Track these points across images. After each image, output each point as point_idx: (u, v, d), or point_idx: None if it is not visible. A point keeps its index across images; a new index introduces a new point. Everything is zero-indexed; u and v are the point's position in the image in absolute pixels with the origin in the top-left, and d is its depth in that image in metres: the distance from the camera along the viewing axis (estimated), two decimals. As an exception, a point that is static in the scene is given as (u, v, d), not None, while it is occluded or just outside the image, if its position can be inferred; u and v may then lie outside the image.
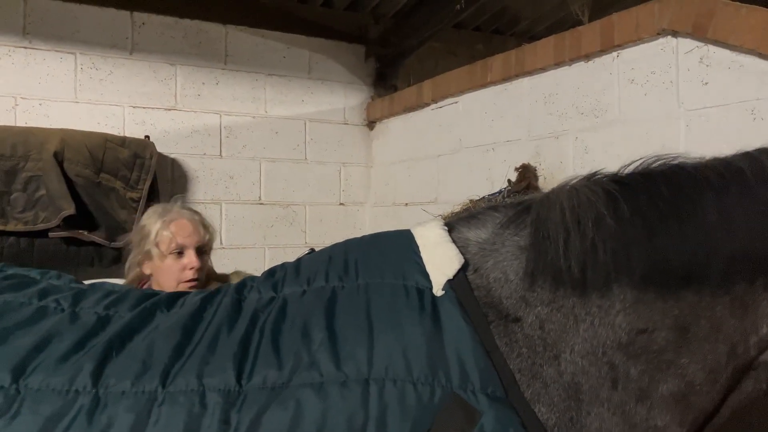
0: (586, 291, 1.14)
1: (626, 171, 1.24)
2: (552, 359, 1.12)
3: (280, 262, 4.03)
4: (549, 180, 2.69)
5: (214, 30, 3.71)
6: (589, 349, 1.12)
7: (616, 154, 2.40)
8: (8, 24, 3.24)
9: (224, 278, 2.27)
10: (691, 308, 1.11)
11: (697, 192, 1.14)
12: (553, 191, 1.25)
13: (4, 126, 3.10)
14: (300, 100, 3.97)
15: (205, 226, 2.25)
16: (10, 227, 2.94)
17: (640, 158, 1.24)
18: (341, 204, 4.10)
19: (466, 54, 3.93)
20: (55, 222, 2.95)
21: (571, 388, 1.11)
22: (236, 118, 3.77)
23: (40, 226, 2.96)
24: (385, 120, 4.00)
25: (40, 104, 3.30)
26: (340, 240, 1.41)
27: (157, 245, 2.16)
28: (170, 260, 2.15)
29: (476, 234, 1.26)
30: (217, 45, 3.71)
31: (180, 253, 2.16)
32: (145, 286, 2.19)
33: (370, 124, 4.15)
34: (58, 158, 3.03)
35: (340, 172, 4.11)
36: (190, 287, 2.09)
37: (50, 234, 2.99)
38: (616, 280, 1.13)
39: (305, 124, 3.99)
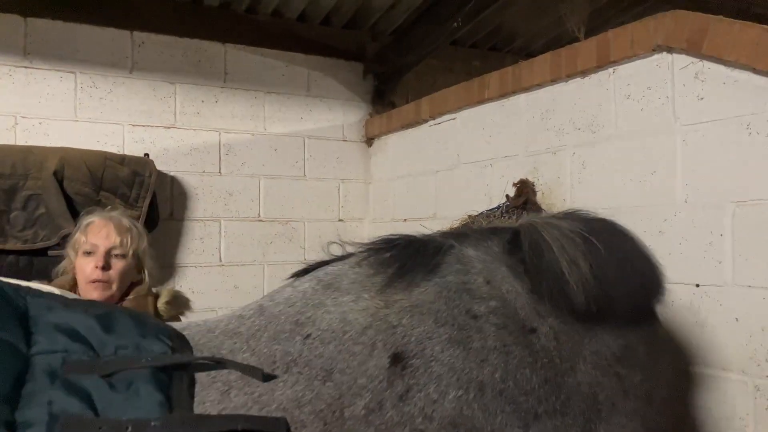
0: (583, 317, 1.19)
1: (574, 214, 1.41)
2: (569, 370, 1.13)
3: (279, 279, 4.03)
4: (547, 195, 2.70)
5: (213, 48, 3.73)
6: (597, 361, 1.16)
7: (613, 169, 2.42)
8: (9, 44, 3.26)
9: (147, 293, 2.31)
10: (646, 330, 1.30)
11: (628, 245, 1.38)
12: (537, 222, 1.33)
13: (4, 145, 3.12)
14: (299, 117, 3.99)
15: (123, 231, 2.29)
16: (10, 246, 2.95)
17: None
18: (340, 220, 4.11)
19: (464, 70, 3.96)
20: (54, 240, 2.95)
21: (589, 399, 1.12)
22: (235, 135, 3.79)
23: (40, 245, 2.97)
24: (384, 136, 4.02)
25: (40, 123, 3.32)
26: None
27: (73, 246, 2.26)
28: (81, 260, 2.22)
29: (476, 253, 1.27)
30: (216, 63, 3.74)
31: (92, 253, 2.21)
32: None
33: (369, 141, 4.17)
34: (58, 177, 3.05)
35: (339, 189, 4.12)
36: (97, 288, 2.16)
37: (50, 252, 2.99)
38: (603, 312, 1.21)
39: (304, 141, 4.01)
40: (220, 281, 3.73)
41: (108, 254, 2.23)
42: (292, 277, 1.29)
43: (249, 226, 3.83)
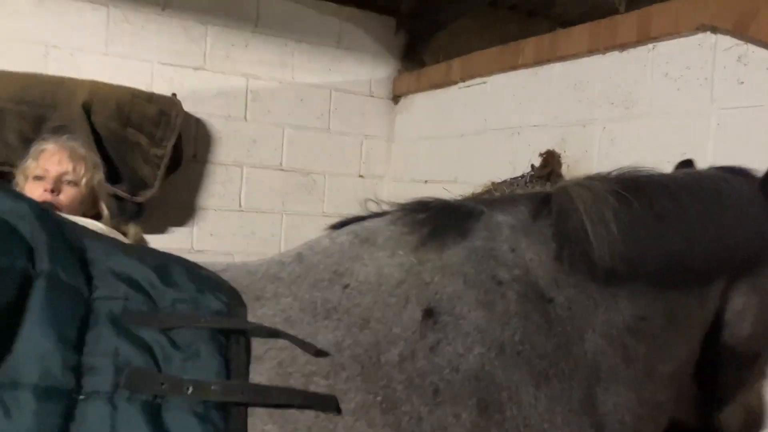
0: (605, 278, 1.23)
1: (618, 174, 1.38)
2: (578, 339, 1.19)
3: (296, 229, 4.06)
4: (573, 168, 2.69)
5: (247, -8, 3.69)
6: (607, 331, 1.22)
7: (643, 146, 2.40)
8: (43, -29, 3.24)
9: (110, 227, 2.23)
10: (677, 301, 1.30)
11: (690, 201, 1.33)
12: (569, 185, 1.34)
13: (36, 74, 3.13)
14: (327, 68, 3.96)
15: (76, 158, 2.25)
16: (36, 174, 2.99)
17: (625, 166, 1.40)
18: (360, 176, 4.12)
19: (499, 34, 3.88)
20: (80, 173, 2.98)
21: (593, 366, 1.19)
22: (263, 82, 3.77)
23: (66, 176, 3.00)
24: (411, 95, 3.99)
25: (71, 54, 3.32)
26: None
27: (23, 172, 2.23)
28: (30, 185, 2.19)
29: (505, 219, 1.29)
30: (249, 7, 3.70)
31: (41, 178, 2.18)
32: None
33: (395, 98, 4.14)
34: (86, 110, 3.06)
35: (361, 144, 4.11)
36: None
37: (75, 183, 3.03)
38: (629, 272, 1.24)
39: (330, 93, 3.99)
40: (238, 226, 3.77)
41: (58, 180, 2.17)
42: (329, 229, 1.31)
43: (270, 175, 3.85)
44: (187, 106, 3.47)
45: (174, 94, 3.43)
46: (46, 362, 0.86)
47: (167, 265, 1.07)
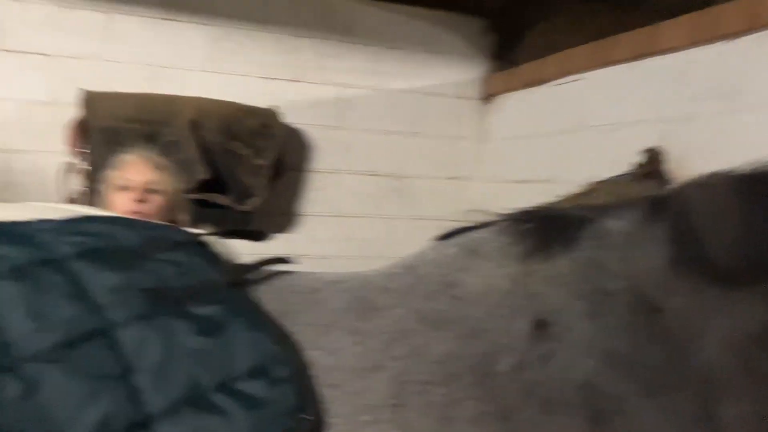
0: (725, 283, 1.16)
1: (740, 171, 1.26)
2: (692, 349, 1.14)
3: (390, 233, 4.11)
4: (677, 165, 2.60)
5: (338, 3, 3.79)
6: (726, 340, 1.15)
7: (752, 141, 2.28)
8: (149, -3, 3.46)
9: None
10: None
11: None
12: (688, 185, 1.29)
13: (148, 93, 3.34)
14: (417, 73, 4.00)
15: (158, 167, 2.34)
16: (150, 189, 3.19)
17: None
18: (453, 178, 4.13)
19: (592, 29, 3.78)
20: (191, 185, 3.16)
21: (710, 378, 1.13)
22: (356, 90, 3.86)
23: (178, 189, 3.19)
24: (502, 95, 3.96)
25: (176, 73, 3.52)
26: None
27: (106, 183, 2.32)
28: (115, 195, 2.27)
29: (617, 224, 1.28)
30: (341, 18, 3.80)
31: (127, 188, 2.26)
32: None
33: (486, 99, 4.12)
34: (194, 125, 3.25)
35: (452, 147, 4.12)
36: None
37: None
38: (752, 276, 1.15)
39: (421, 97, 4.03)
40: (335, 231, 3.88)
41: (144, 189, 2.25)
42: (436, 240, 1.35)
43: (363, 180, 3.93)
44: (286, 117, 3.61)
45: (273, 106, 3.57)
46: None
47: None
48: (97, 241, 1.12)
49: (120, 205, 2.24)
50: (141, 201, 2.25)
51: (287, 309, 1.19)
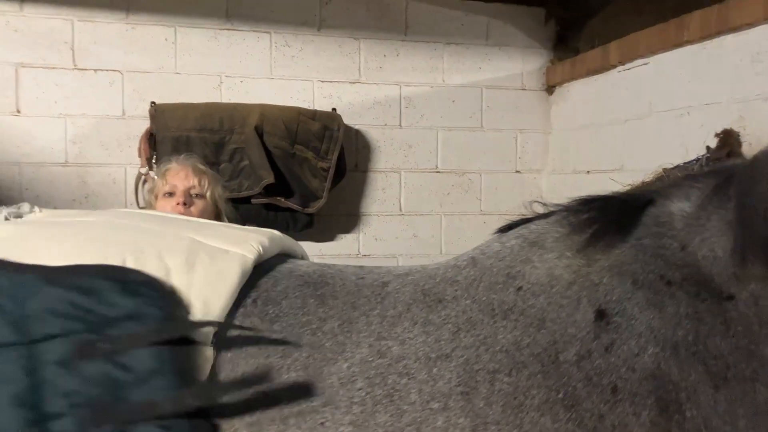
0: None
1: None
2: (766, 337, 1.11)
3: (455, 229, 4.11)
4: (755, 146, 2.46)
5: (395, 3, 3.80)
6: None
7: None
8: (213, 9, 3.56)
9: None
10: None
11: None
12: (755, 159, 1.23)
13: (213, 103, 3.45)
14: (477, 67, 3.96)
15: (199, 172, 2.41)
16: (219, 194, 3.29)
17: None
18: (517, 171, 4.07)
19: (655, 12, 3.65)
20: (257, 190, 3.25)
21: None
22: (415, 88, 3.86)
23: (244, 194, 3.28)
24: (566, 84, 3.87)
25: (241, 81, 3.61)
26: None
27: (152, 191, 2.41)
28: (161, 202, 2.36)
29: (679, 207, 1.23)
30: (397, 17, 3.81)
31: (172, 194, 2.34)
32: None
33: (549, 89, 4.04)
34: (258, 131, 3.33)
35: (516, 139, 4.06)
36: None
37: (252, 200, 3.31)
38: None
39: (482, 91, 3.99)
40: (400, 229, 3.89)
41: (187, 194, 2.35)
42: (497, 232, 1.35)
43: (427, 177, 3.93)
44: (347, 119, 3.65)
45: (334, 109, 3.62)
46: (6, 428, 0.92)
47: (92, 285, 1.05)
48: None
49: (164, 211, 2.34)
50: (185, 205, 2.37)
51: (359, 302, 1.22)
